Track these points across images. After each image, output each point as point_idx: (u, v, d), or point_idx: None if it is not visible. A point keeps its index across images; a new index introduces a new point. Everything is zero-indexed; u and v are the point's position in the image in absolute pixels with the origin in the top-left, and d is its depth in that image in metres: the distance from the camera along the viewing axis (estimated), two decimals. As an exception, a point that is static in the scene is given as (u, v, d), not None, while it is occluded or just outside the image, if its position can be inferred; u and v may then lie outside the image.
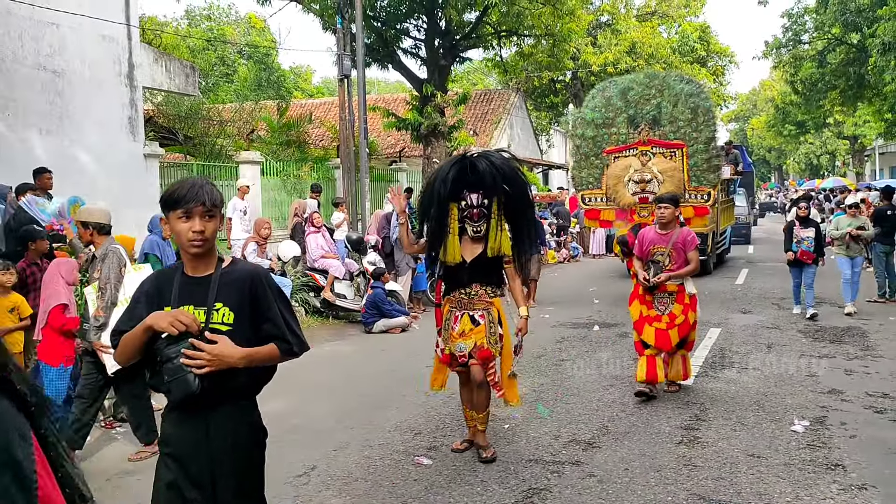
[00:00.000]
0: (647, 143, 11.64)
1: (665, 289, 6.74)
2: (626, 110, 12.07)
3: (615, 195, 11.87)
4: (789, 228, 11.15)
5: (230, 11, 43.68)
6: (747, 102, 67.25)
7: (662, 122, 11.77)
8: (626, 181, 11.56)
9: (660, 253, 6.73)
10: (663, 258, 6.70)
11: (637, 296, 6.93)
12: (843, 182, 33.03)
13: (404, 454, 5.55)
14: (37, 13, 9.71)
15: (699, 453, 5.42)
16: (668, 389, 7.02)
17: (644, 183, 11.43)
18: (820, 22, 27.12)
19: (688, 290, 6.79)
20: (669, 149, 11.57)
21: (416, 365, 8.56)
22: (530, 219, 5.44)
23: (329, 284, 11.50)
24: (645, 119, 11.84)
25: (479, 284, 5.22)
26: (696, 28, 38.48)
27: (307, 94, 42.99)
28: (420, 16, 18.93)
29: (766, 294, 13.36)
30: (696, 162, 11.62)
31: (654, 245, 6.77)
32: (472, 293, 5.22)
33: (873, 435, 5.75)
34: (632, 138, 11.90)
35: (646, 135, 11.69)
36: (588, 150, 12.36)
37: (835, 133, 48.78)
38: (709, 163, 11.71)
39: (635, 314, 6.91)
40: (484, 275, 5.19)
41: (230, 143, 17.02)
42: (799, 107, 34.02)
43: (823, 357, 8.38)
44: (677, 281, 6.71)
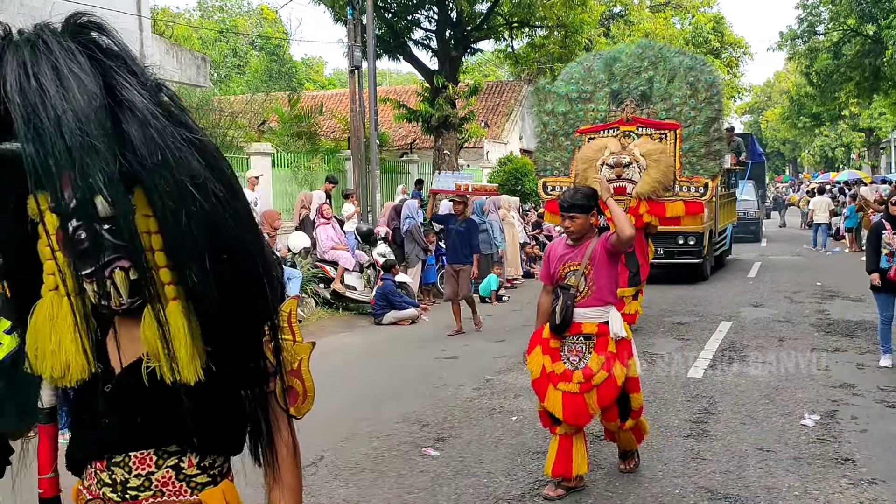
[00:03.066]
0: (630, 121, 9.38)
1: (579, 329, 4.53)
2: (610, 84, 9.78)
3: (585, 183, 9.15)
4: (876, 234, 7.52)
5: (243, 3, 43.69)
6: (762, 94, 66.74)
7: (653, 98, 9.57)
8: (599, 165, 9.19)
9: (572, 272, 4.58)
10: (577, 279, 4.56)
11: (539, 340, 4.70)
12: (859, 175, 32.77)
13: (412, 445, 5.56)
14: (48, 3, 9.75)
15: (707, 447, 5.40)
16: (622, 468, 4.96)
17: (620, 167, 9.04)
18: (835, 13, 26.84)
19: (614, 332, 4.49)
20: (659, 129, 9.38)
21: (424, 357, 8.57)
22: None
23: (339, 276, 11.51)
24: (632, 95, 9.58)
25: None
26: (710, 19, 38.21)
27: (319, 85, 43.03)
28: (431, 7, 18.89)
29: (779, 288, 13.28)
30: (693, 146, 9.33)
31: (564, 262, 4.62)
32: None
33: (884, 429, 5.70)
34: (612, 116, 9.63)
35: (630, 112, 9.42)
36: (557, 129, 9.99)
37: (850, 125, 48.35)
38: (708, 148, 9.37)
39: (535, 368, 4.66)
40: None
41: (241, 135, 17.03)
42: (814, 99, 33.71)
43: (835, 351, 8.32)
44: (596, 317, 4.54)
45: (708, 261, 14.50)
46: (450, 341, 9.46)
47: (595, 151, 9.29)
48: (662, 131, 9.35)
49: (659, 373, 7.54)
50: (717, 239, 15.27)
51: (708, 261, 14.50)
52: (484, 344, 9.21)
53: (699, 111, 9.36)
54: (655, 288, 13.20)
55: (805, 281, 14.02)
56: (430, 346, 9.09)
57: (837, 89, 28.95)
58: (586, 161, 9.28)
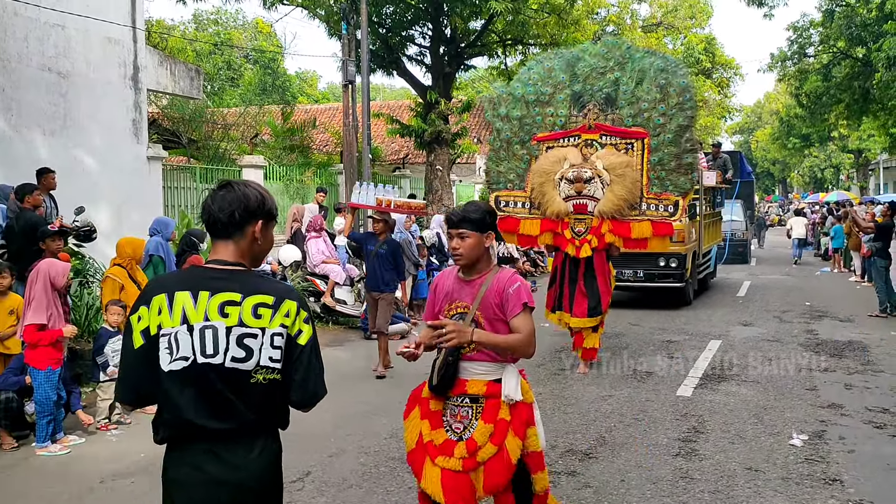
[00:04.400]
0: (593, 128, 8.49)
1: (463, 388, 3.47)
2: (571, 86, 8.72)
3: (541, 199, 8.62)
4: None
5: (238, 16, 43.84)
6: (752, 115, 67.26)
7: (619, 102, 8.51)
8: (558, 180, 8.42)
9: (459, 315, 3.49)
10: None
11: (417, 399, 3.69)
12: (848, 196, 33.01)
13: (400, 461, 5.52)
14: (43, 14, 9.74)
15: (696, 466, 5.40)
16: None
17: (581, 183, 8.30)
18: (825, 35, 27.11)
19: (506, 394, 3.41)
20: (625, 138, 8.42)
21: (414, 372, 8.53)
22: None
23: (329, 290, 11.49)
24: (595, 98, 8.58)
25: None
26: (702, 40, 38.54)
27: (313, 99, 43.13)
28: (425, 23, 18.98)
29: (768, 307, 13.32)
30: (662, 158, 8.31)
31: (452, 301, 3.55)
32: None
33: (872, 450, 5.72)
34: (573, 122, 8.65)
35: (593, 118, 8.51)
36: (511, 136, 8.91)
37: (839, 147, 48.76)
38: (679, 161, 8.32)
39: (411, 436, 3.59)
40: None
41: (234, 147, 17.04)
42: (803, 120, 33.97)
43: (824, 371, 8.35)
44: (486, 373, 3.45)
45: (691, 284, 13.66)
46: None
47: (553, 163, 8.52)
48: (628, 141, 8.43)
49: (648, 391, 7.54)
50: (701, 261, 14.51)
51: (691, 284, 13.66)
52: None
53: (669, 118, 8.30)
54: (642, 306, 13.24)
55: (794, 301, 14.08)
56: (419, 361, 9.01)
57: (827, 111, 29.19)
58: (543, 174, 8.54)
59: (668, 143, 8.31)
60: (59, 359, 6.02)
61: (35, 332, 5.88)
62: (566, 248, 8.61)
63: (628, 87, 8.48)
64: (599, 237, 8.39)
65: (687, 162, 8.39)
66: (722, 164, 16.30)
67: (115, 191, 10.47)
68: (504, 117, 8.97)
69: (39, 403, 5.90)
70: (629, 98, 8.46)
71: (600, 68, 8.65)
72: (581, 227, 8.49)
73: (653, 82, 8.37)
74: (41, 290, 5.92)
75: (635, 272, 12.90)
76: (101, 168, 10.54)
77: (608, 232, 8.38)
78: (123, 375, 2.36)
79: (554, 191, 8.48)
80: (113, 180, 10.51)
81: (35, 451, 5.91)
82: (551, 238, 8.76)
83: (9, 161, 9.09)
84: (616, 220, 8.36)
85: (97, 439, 6.28)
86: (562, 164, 8.47)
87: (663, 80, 8.35)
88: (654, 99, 8.34)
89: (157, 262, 7.83)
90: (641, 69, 8.48)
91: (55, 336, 5.94)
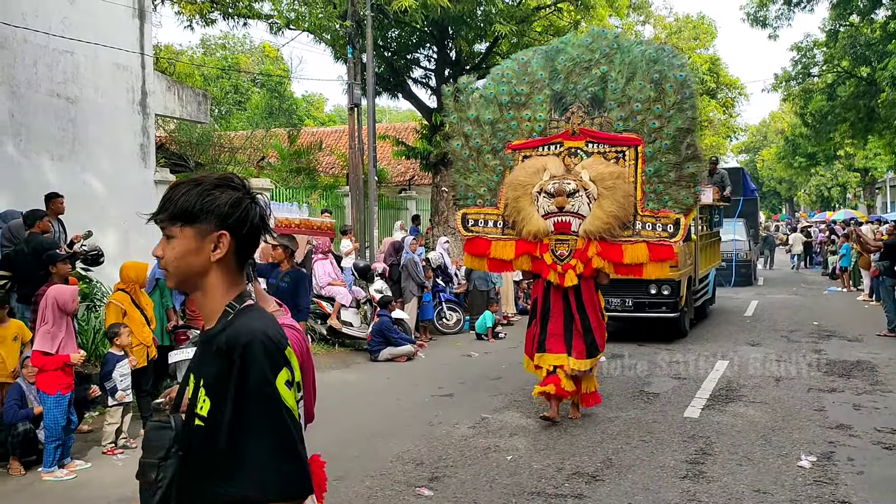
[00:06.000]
0: (578, 134, 7.24)
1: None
2: (552, 84, 7.43)
3: (516, 216, 7.28)
4: None
5: (245, 41, 44.28)
6: (757, 134, 67.33)
7: (608, 103, 7.25)
8: (536, 193, 7.11)
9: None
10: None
11: None
12: (855, 214, 32.94)
13: (405, 485, 5.51)
14: (52, 41, 9.87)
15: (704, 488, 5.36)
16: None
17: (563, 197, 6.96)
18: (829, 55, 27.20)
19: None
20: (615, 145, 7.16)
21: (420, 394, 8.53)
22: None
23: (336, 312, 11.49)
24: (580, 98, 7.32)
25: None
26: (706, 60, 38.70)
27: (319, 122, 43.40)
28: (430, 46, 19.14)
29: (776, 327, 13.26)
30: (660, 169, 7.04)
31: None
32: None
33: (881, 472, 5.67)
34: (554, 128, 7.39)
35: (577, 122, 7.25)
36: (482, 143, 7.62)
37: (845, 165, 48.71)
38: (680, 171, 7.04)
39: None
40: None
41: (241, 170, 17.13)
42: (809, 139, 33.99)
43: (832, 391, 8.29)
44: None
45: (687, 314, 12.28)
46: (446, 378, 9.39)
47: (531, 174, 7.20)
48: (619, 149, 7.15)
49: (655, 412, 7.50)
50: (698, 287, 13.10)
51: (687, 314, 12.28)
52: (480, 381, 9.17)
53: (667, 120, 7.01)
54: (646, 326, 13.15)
55: (802, 320, 14.02)
56: (425, 384, 9.04)
57: (832, 130, 29.22)
58: (519, 187, 7.22)
59: (665, 151, 7.03)
60: (68, 383, 6.04)
61: (42, 357, 5.91)
62: (547, 276, 7.20)
63: (618, 85, 7.18)
64: (586, 262, 7.05)
65: (689, 172, 7.08)
66: (719, 180, 14.85)
67: (123, 215, 10.54)
68: (474, 121, 7.68)
69: (48, 428, 5.91)
70: (619, 97, 7.19)
71: (584, 62, 7.34)
72: (564, 249, 7.10)
73: (645, 77, 7.08)
74: (51, 315, 5.95)
75: (623, 301, 11.44)
76: (109, 192, 10.62)
77: (596, 256, 7.04)
78: (302, 455, 1.77)
79: (531, 206, 7.13)
80: (120, 204, 10.59)
81: (42, 475, 5.91)
82: (529, 263, 7.44)
83: (18, 185, 9.18)
84: (605, 242, 7.04)
85: (103, 464, 6.28)
86: (540, 175, 7.13)
87: (657, 74, 7.06)
88: (647, 98, 7.07)
89: (163, 286, 7.86)
90: (632, 62, 7.18)
91: (61, 361, 5.96)
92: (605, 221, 6.94)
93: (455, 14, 16.26)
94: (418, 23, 16.96)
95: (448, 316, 13.40)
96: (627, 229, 7.04)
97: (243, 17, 17.20)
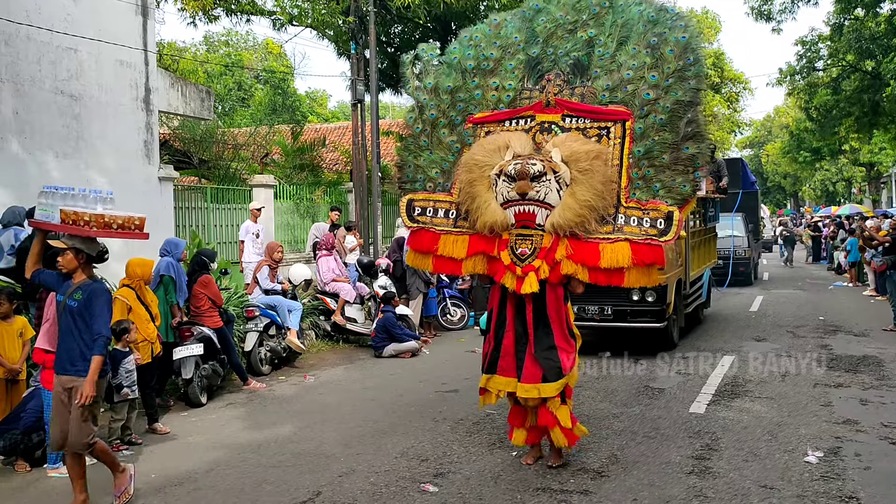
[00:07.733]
0: (553, 105, 5.92)
1: None
2: (528, 48, 6.13)
3: (471, 203, 5.77)
4: None
5: (248, 38, 44.28)
6: (762, 129, 67.13)
7: (593, 70, 5.92)
8: (495, 176, 5.62)
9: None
10: None
11: None
12: (860, 209, 32.83)
13: (410, 481, 5.50)
14: (56, 38, 9.86)
15: (710, 484, 5.34)
16: None
17: (527, 180, 5.45)
18: (834, 49, 27.05)
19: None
20: (598, 119, 5.79)
21: (424, 390, 8.51)
22: None
23: (340, 308, 11.50)
24: (559, 64, 6.01)
25: None
26: (710, 55, 38.58)
27: (322, 118, 43.39)
28: (433, 41, 19.12)
29: (781, 322, 13.22)
30: (651, 148, 5.59)
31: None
32: None
33: (889, 467, 5.64)
34: (525, 98, 6.08)
35: (554, 91, 5.93)
36: (438, 115, 6.29)
37: (850, 160, 48.54)
38: (676, 152, 5.59)
39: None
40: None
41: (244, 167, 17.14)
42: (813, 133, 33.83)
43: (838, 386, 8.26)
44: None
45: (675, 322, 10.73)
46: (450, 374, 9.35)
47: (490, 153, 5.72)
48: (602, 124, 5.76)
49: (660, 408, 7.48)
50: (689, 291, 11.56)
51: (675, 322, 10.73)
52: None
53: (664, 91, 5.63)
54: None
55: (807, 315, 13.98)
56: (430, 380, 9.03)
57: (837, 124, 29.08)
58: (475, 168, 5.72)
59: (660, 127, 5.61)
60: None
61: (43, 353, 5.90)
62: (502, 279, 5.68)
63: (606, 50, 5.89)
64: (552, 264, 5.51)
65: (687, 155, 5.59)
66: (716, 170, 13.13)
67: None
68: (431, 90, 6.34)
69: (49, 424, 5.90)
70: (607, 64, 5.87)
71: (569, 24, 6.07)
72: (525, 247, 5.55)
73: (641, 41, 5.77)
74: (54, 312, 5.94)
75: (601, 309, 9.97)
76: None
77: (566, 258, 5.49)
78: None
79: (488, 192, 5.62)
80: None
81: (47, 472, 5.91)
82: (483, 264, 5.85)
83: (22, 183, 9.17)
84: (577, 240, 5.50)
85: (108, 460, 6.27)
86: (502, 153, 5.68)
87: (655, 38, 5.74)
88: (642, 65, 5.71)
89: (167, 283, 7.86)
90: (626, 23, 5.88)
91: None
92: (577, 213, 5.42)
93: (458, 9, 16.25)
94: (421, 18, 16.95)
95: (452, 312, 13.39)
96: (607, 224, 5.52)
97: (246, 13, 17.15)
